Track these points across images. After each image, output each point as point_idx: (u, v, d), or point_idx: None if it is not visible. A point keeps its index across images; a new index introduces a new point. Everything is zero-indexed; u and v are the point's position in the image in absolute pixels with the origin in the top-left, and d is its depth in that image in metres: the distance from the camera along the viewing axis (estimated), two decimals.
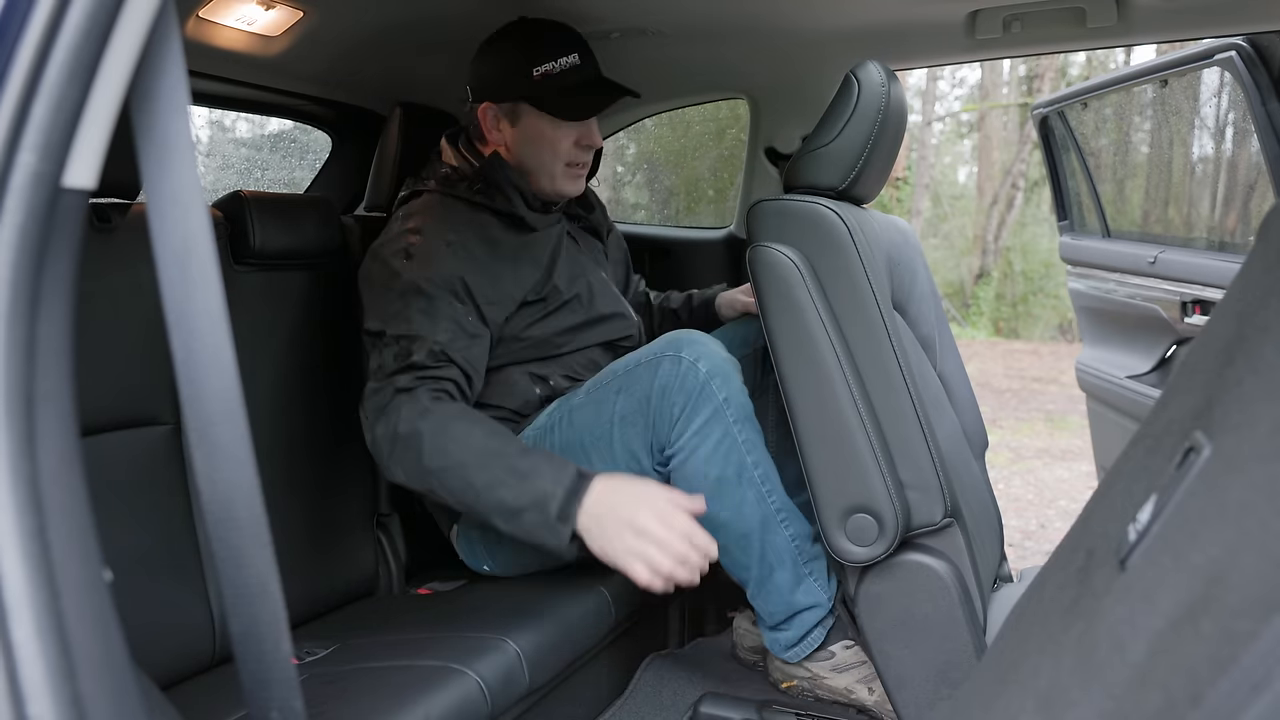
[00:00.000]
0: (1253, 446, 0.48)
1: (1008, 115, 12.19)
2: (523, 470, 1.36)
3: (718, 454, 1.44)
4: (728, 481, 1.45)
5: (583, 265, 1.75)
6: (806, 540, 1.51)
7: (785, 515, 1.49)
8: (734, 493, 1.45)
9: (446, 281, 1.52)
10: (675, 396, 1.43)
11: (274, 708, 0.59)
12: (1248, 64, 2.00)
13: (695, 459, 1.44)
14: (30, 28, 0.53)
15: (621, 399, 1.48)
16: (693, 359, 1.44)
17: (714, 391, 1.43)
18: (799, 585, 1.51)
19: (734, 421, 1.44)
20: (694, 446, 1.44)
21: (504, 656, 1.31)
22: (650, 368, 1.47)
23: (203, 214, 0.57)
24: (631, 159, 6.50)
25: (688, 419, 1.43)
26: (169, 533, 1.38)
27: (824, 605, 1.53)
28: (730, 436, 1.44)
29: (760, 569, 1.50)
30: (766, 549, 1.49)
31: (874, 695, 1.54)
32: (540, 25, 1.65)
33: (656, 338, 1.60)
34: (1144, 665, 0.46)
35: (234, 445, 0.57)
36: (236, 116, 3.62)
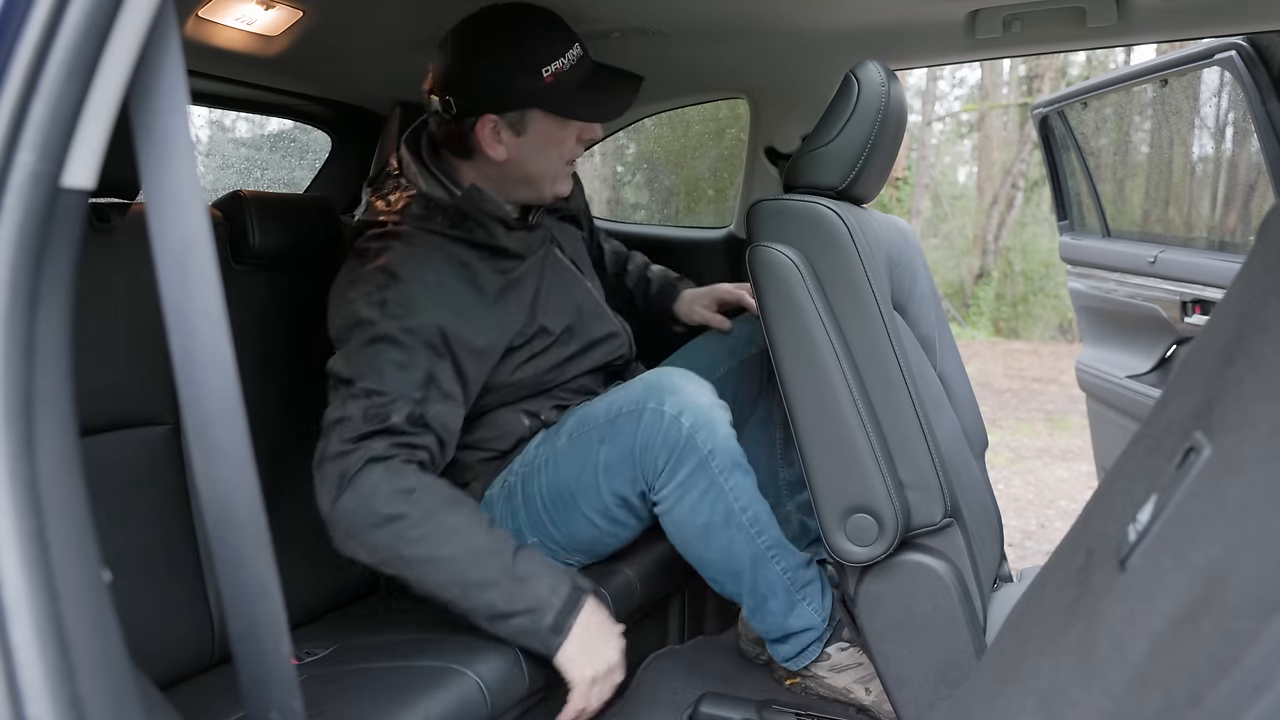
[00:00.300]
0: (1253, 446, 0.48)
1: (1008, 115, 12.18)
2: (520, 574, 1.30)
3: (704, 503, 1.44)
4: (715, 526, 1.46)
5: (570, 286, 1.63)
6: (799, 569, 1.53)
7: (775, 551, 1.50)
8: (722, 536, 1.46)
9: (424, 332, 1.37)
10: (659, 450, 1.42)
11: (273, 708, 0.59)
12: (1248, 64, 2.00)
13: (681, 507, 1.44)
14: (29, 26, 0.53)
15: (605, 449, 1.45)
16: (675, 413, 1.41)
17: (698, 445, 1.41)
18: (792, 610, 1.53)
19: (719, 471, 1.43)
20: (679, 496, 1.44)
21: (503, 657, 1.31)
22: (632, 419, 1.43)
23: (202, 214, 0.57)
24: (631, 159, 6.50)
25: (671, 471, 1.42)
26: (168, 533, 1.38)
27: (818, 627, 1.55)
28: (716, 486, 1.43)
29: (753, 598, 1.52)
30: (758, 582, 1.51)
31: (871, 695, 1.56)
32: (528, 17, 1.46)
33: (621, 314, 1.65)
34: (1144, 665, 0.46)
35: (233, 445, 0.57)
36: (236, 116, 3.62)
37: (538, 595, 1.30)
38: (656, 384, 1.45)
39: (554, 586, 1.31)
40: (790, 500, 1.78)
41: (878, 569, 1.41)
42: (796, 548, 1.76)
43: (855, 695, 1.57)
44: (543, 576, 1.31)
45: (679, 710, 1.64)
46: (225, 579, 0.58)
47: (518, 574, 1.30)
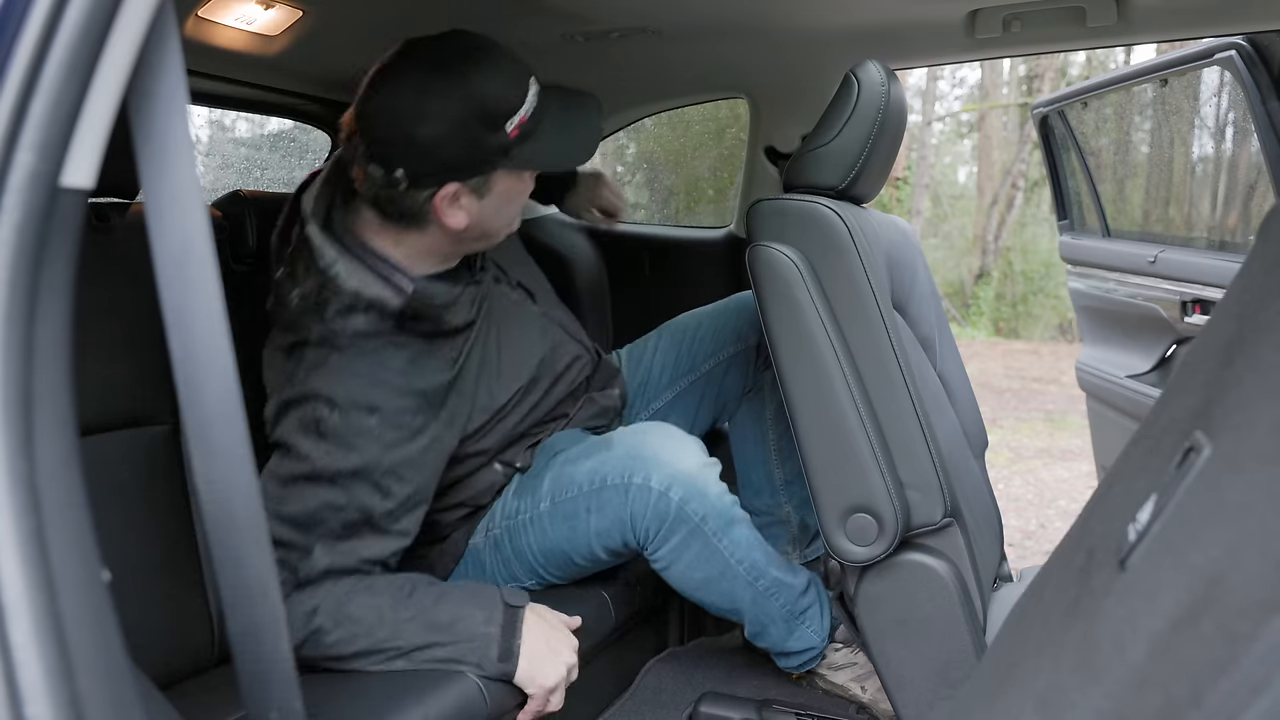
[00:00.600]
0: (1253, 446, 0.48)
1: (1008, 115, 12.18)
2: (447, 622, 1.25)
3: (699, 562, 1.43)
4: (713, 579, 1.46)
5: (525, 329, 1.51)
6: (797, 598, 1.54)
7: (774, 589, 1.51)
8: (720, 585, 1.47)
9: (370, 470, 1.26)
10: (650, 522, 1.40)
11: (273, 708, 0.59)
12: (1248, 63, 2.00)
13: (677, 567, 1.44)
14: (28, 25, 0.53)
15: (595, 518, 1.42)
16: (663, 487, 1.37)
17: (689, 515, 1.39)
18: (791, 635, 1.56)
19: (713, 534, 1.42)
20: (674, 559, 1.43)
21: None
22: (619, 492, 1.40)
23: (201, 214, 0.57)
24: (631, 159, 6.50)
25: (665, 538, 1.41)
26: (168, 533, 1.38)
27: (816, 646, 1.58)
28: (710, 547, 1.42)
29: (754, 626, 1.55)
30: (759, 616, 1.53)
31: (867, 693, 1.58)
32: (482, 60, 1.25)
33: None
34: (1144, 666, 0.46)
35: (232, 445, 0.57)
36: (236, 116, 3.62)
37: (473, 632, 1.25)
38: (640, 454, 1.40)
39: (487, 618, 1.27)
40: (787, 500, 1.79)
41: (878, 569, 1.41)
42: (799, 548, 1.76)
43: (853, 692, 1.59)
44: (472, 614, 1.26)
45: (679, 710, 1.64)
46: (225, 579, 0.58)
47: (445, 623, 1.25)
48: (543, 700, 1.30)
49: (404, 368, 1.30)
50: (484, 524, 1.51)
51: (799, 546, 1.79)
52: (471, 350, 1.41)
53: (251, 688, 0.59)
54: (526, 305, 1.57)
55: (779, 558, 1.53)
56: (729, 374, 1.78)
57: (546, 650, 1.30)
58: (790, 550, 1.79)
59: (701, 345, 1.79)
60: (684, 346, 1.80)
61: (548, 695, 1.30)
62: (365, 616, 1.23)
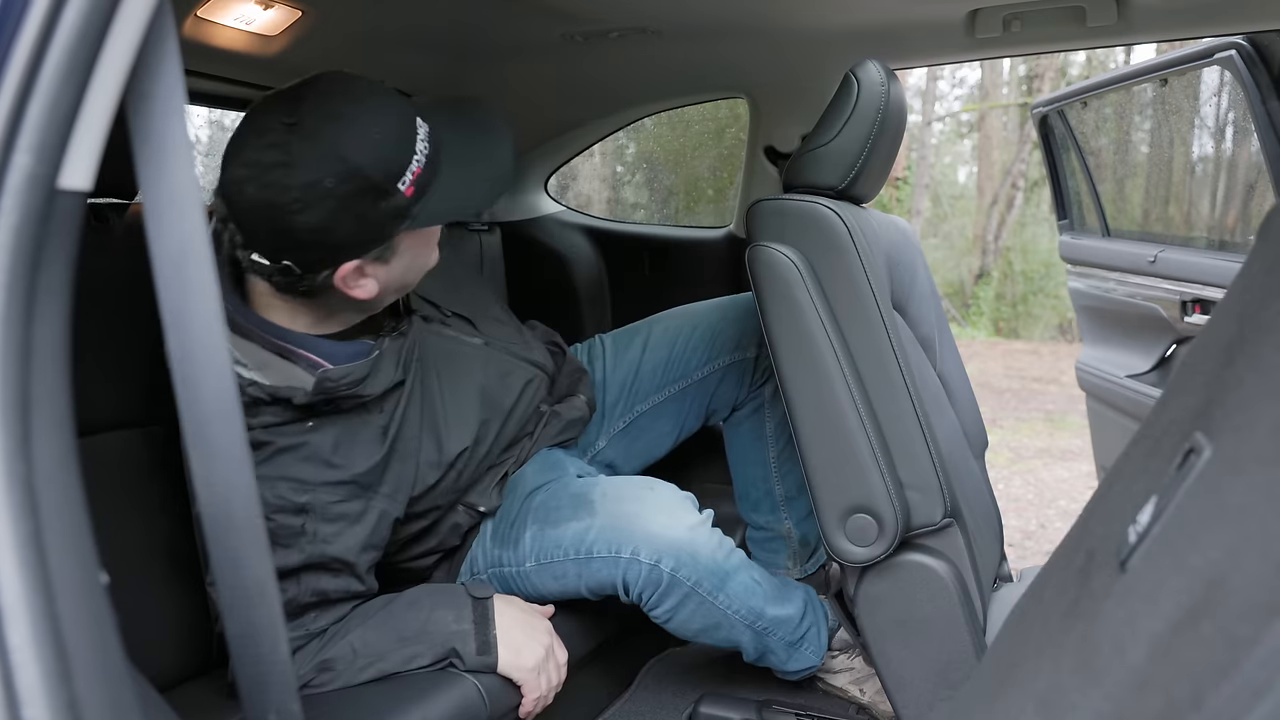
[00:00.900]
0: (1253, 448, 0.48)
1: (1008, 115, 12.18)
2: (419, 630, 1.24)
3: (696, 617, 1.44)
4: (709, 629, 1.47)
5: (461, 369, 1.43)
6: (795, 627, 1.54)
7: (772, 627, 1.51)
8: (717, 633, 1.48)
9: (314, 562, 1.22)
10: (643, 589, 1.40)
11: (271, 710, 0.59)
12: (1248, 63, 2.00)
13: (675, 621, 1.44)
14: (25, 27, 0.53)
15: (586, 580, 1.41)
16: (653, 560, 1.37)
17: (682, 580, 1.39)
18: (790, 658, 1.56)
19: (708, 594, 1.41)
20: (670, 615, 1.43)
21: None
22: (609, 564, 1.38)
23: (200, 215, 0.57)
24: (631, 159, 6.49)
25: (659, 600, 1.41)
26: (167, 534, 1.38)
27: (815, 664, 1.59)
28: (706, 604, 1.42)
29: (753, 654, 1.55)
30: (758, 646, 1.53)
31: (866, 695, 1.59)
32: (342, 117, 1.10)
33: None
34: (1144, 668, 0.46)
35: (231, 446, 0.57)
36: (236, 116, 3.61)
37: (447, 633, 1.25)
38: (627, 529, 1.38)
39: (457, 616, 1.26)
40: (788, 515, 1.76)
41: (878, 569, 1.41)
42: (799, 562, 1.75)
43: (852, 694, 1.60)
44: (443, 615, 1.26)
45: (679, 710, 1.64)
46: (223, 580, 0.58)
47: (417, 632, 1.24)
48: (534, 684, 1.30)
49: (328, 455, 1.20)
50: (467, 566, 1.48)
51: (799, 561, 1.77)
52: (406, 412, 1.31)
53: (250, 690, 0.59)
54: (464, 340, 1.47)
55: (775, 591, 1.51)
56: (723, 384, 1.73)
57: (522, 635, 1.30)
58: (790, 565, 1.77)
59: (695, 351, 1.72)
60: (676, 349, 1.73)
61: (537, 677, 1.30)
62: (342, 655, 1.22)
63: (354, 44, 1.80)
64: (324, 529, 1.20)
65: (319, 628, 1.24)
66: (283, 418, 1.19)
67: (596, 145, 2.50)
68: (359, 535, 1.24)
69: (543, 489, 1.47)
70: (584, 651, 1.52)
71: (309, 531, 1.19)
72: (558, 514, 1.42)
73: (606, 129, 2.40)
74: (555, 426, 1.58)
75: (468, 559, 1.48)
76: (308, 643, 1.24)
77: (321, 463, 1.20)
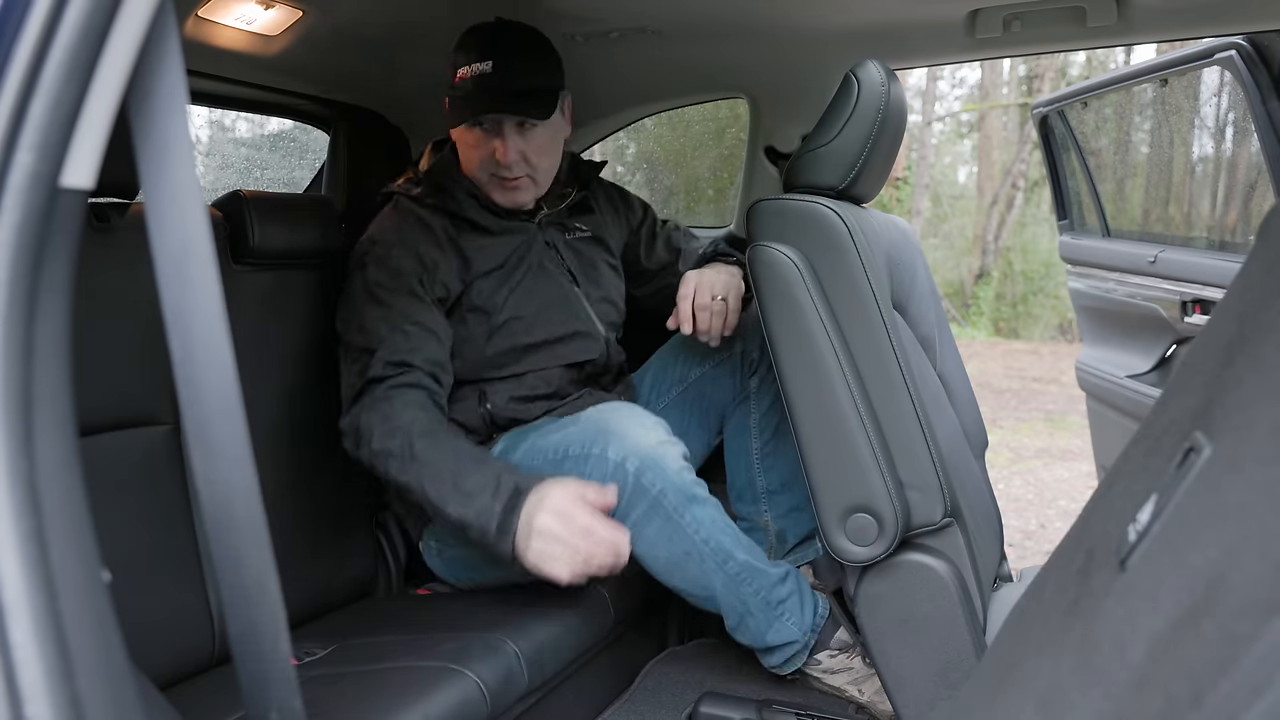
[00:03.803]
0: (1253, 447, 0.48)
1: (1008, 115, 12.18)
2: (467, 490, 1.39)
3: (662, 539, 1.45)
4: (677, 560, 1.47)
5: (545, 283, 1.69)
6: (773, 587, 1.53)
7: (746, 574, 1.50)
8: (688, 567, 1.48)
9: (400, 279, 1.55)
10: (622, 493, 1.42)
11: (273, 708, 0.59)
12: (1248, 63, 2.00)
13: (641, 545, 1.45)
14: (28, 26, 0.53)
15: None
16: (619, 458, 1.42)
17: (646, 487, 1.42)
18: (771, 626, 1.54)
19: (674, 509, 1.44)
20: (637, 534, 1.44)
21: (503, 657, 1.31)
22: (579, 462, 1.46)
23: (201, 214, 0.57)
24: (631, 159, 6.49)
25: (624, 513, 1.43)
26: (168, 533, 1.38)
27: (798, 640, 1.56)
28: (672, 523, 1.44)
29: (732, 617, 1.54)
30: (734, 604, 1.52)
31: (865, 695, 1.57)
32: (482, 28, 1.61)
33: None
34: (1144, 666, 0.46)
35: (232, 445, 0.57)
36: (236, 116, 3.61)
37: (482, 505, 1.37)
38: (601, 428, 1.47)
39: (495, 493, 1.37)
40: (769, 508, 1.77)
41: (878, 569, 1.41)
42: (775, 556, 1.74)
43: (850, 694, 1.58)
44: (487, 487, 1.38)
45: (679, 710, 1.64)
46: (224, 579, 0.58)
47: (466, 490, 1.39)
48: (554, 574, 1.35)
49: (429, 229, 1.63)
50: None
51: (775, 556, 1.75)
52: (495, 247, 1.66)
53: (251, 688, 0.59)
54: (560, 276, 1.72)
55: (752, 545, 1.53)
56: (718, 382, 1.78)
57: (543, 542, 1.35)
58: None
59: (688, 353, 1.80)
60: (669, 357, 1.83)
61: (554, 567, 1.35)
62: (423, 456, 1.41)
63: (354, 44, 1.80)
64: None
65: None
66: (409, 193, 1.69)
67: (596, 145, 2.50)
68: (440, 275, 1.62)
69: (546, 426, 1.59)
70: (584, 651, 1.52)
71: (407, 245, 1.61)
72: (550, 431, 1.55)
73: (607, 129, 2.40)
74: (588, 402, 1.67)
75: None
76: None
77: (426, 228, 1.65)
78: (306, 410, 1.67)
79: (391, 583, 1.76)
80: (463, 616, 1.49)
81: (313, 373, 1.69)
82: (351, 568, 1.71)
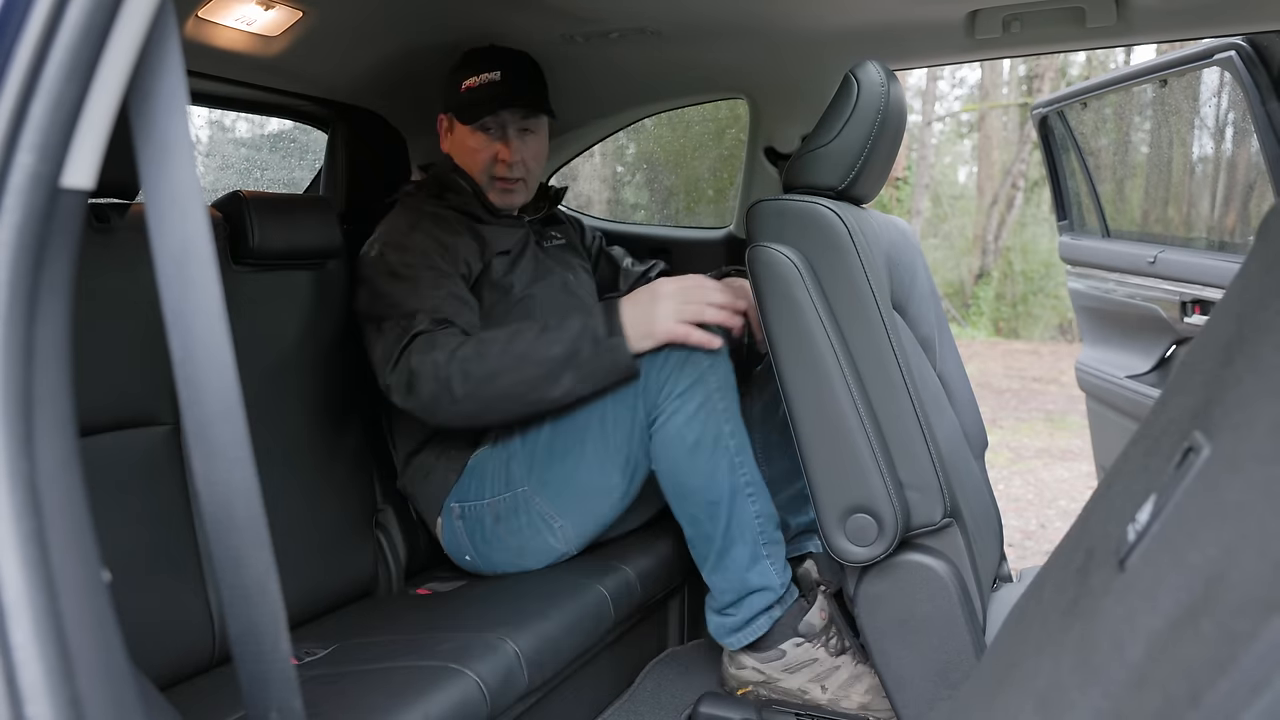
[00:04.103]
0: (1252, 446, 0.48)
1: (1008, 115, 12.18)
2: (552, 327, 1.51)
3: (696, 419, 1.49)
4: (703, 447, 1.49)
5: (550, 270, 1.82)
6: (769, 522, 1.54)
7: (753, 490, 1.52)
8: (708, 459, 1.49)
9: (423, 257, 1.63)
10: (664, 363, 1.50)
11: (273, 708, 0.59)
12: (1248, 64, 2.00)
13: (674, 421, 1.50)
14: (29, 26, 0.53)
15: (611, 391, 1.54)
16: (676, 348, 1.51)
17: (696, 361, 1.50)
18: (754, 565, 1.53)
19: (715, 389, 1.50)
20: (675, 409, 1.49)
21: (503, 656, 1.31)
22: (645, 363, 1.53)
23: (201, 214, 0.57)
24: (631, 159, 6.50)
25: (674, 384, 1.49)
26: (168, 533, 1.38)
27: (775, 590, 1.53)
28: (711, 403, 1.49)
29: (723, 540, 1.52)
30: (732, 521, 1.51)
31: (827, 693, 1.53)
32: (481, 48, 1.78)
33: None
34: (1143, 665, 0.46)
35: (232, 445, 0.57)
36: (236, 116, 3.62)
37: (578, 325, 1.50)
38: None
39: (585, 316, 1.51)
40: (772, 498, 1.76)
41: (878, 569, 1.41)
42: None
43: (811, 695, 1.54)
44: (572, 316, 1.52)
45: (679, 710, 1.64)
46: (225, 579, 0.58)
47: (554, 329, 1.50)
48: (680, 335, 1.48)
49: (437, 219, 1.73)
50: (492, 431, 1.67)
51: None
52: (498, 235, 1.77)
53: (251, 687, 0.59)
54: (552, 267, 1.85)
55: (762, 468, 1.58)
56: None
57: (651, 313, 1.49)
58: None
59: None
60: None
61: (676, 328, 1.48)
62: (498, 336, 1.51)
63: (354, 44, 1.80)
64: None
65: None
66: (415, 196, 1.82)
67: (596, 145, 2.50)
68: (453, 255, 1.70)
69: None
70: (584, 651, 1.52)
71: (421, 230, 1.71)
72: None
73: (607, 129, 2.40)
74: None
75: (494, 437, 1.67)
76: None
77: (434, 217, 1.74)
78: (307, 410, 1.67)
79: (391, 583, 1.76)
80: (463, 616, 1.49)
81: (313, 372, 1.69)
82: (351, 568, 1.71)
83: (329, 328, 1.72)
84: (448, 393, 1.50)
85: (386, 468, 1.80)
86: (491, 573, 1.67)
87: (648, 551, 1.72)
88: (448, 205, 1.76)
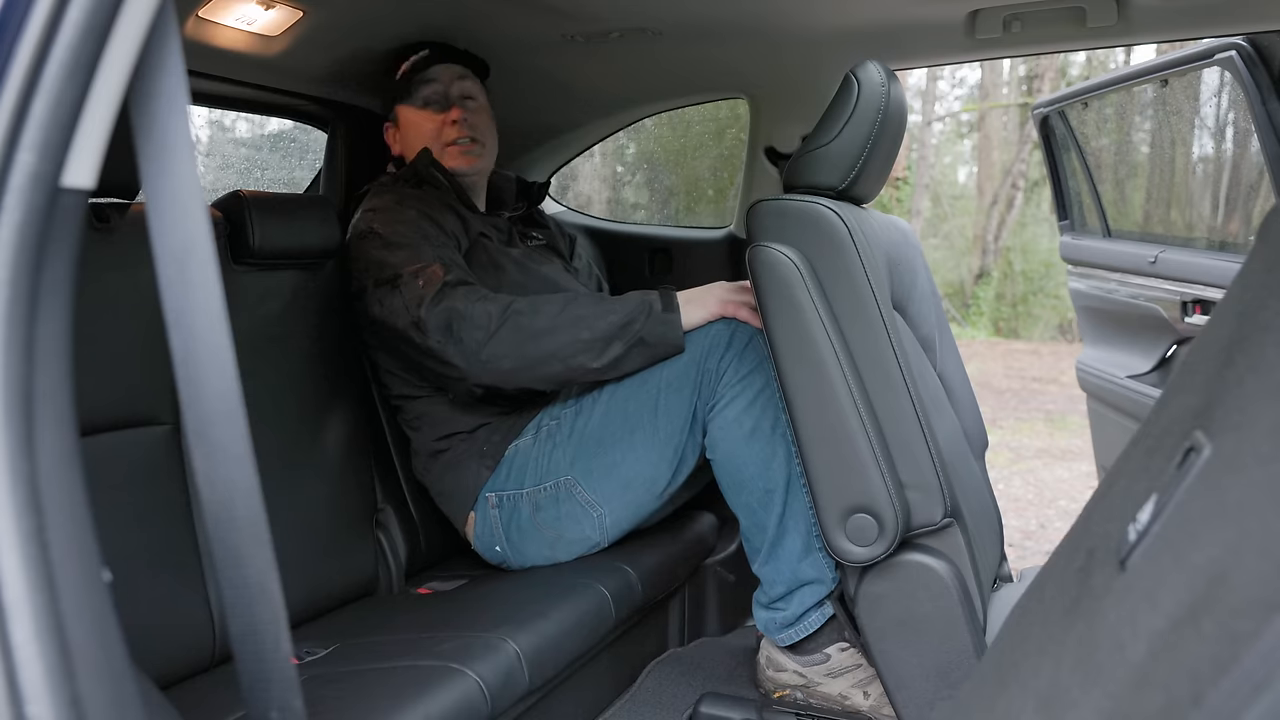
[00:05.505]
0: (1253, 446, 0.48)
1: (1008, 115, 12.18)
2: (609, 299, 1.56)
3: (756, 405, 1.50)
4: (761, 434, 1.50)
5: (533, 261, 1.83)
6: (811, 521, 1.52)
7: (798, 494, 1.51)
8: (765, 446, 1.50)
9: (416, 226, 1.64)
10: (726, 350, 1.53)
11: (273, 707, 0.59)
12: (1248, 64, 1.99)
13: (734, 407, 1.51)
14: (29, 26, 0.53)
15: (669, 365, 1.56)
16: (736, 326, 1.56)
17: (760, 346, 1.51)
18: (807, 555, 1.51)
19: (775, 377, 1.47)
20: (734, 395, 1.51)
21: (504, 656, 1.31)
22: (702, 332, 1.56)
23: (202, 214, 0.57)
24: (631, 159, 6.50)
25: (735, 370, 1.51)
26: (168, 533, 1.38)
27: (827, 583, 1.52)
28: (771, 389, 1.50)
29: (777, 530, 1.52)
30: (787, 511, 1.51)
31: (869, 699, 1.52)
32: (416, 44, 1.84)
33: None
34: (1145, 665, 0.46)
35: (233, 445, 0.57)
36: (236, 116, 3.62)
37: (636, 300, 1.55)
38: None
39: (642, 296, 1.55)
40: None
41: (878, 569, 1.41)
42: None
43: (853, 701, 1.53)
44: (629, 296, 1.56)
45: (679, 710, 1.64)
46: (225, 578, 0.58)
47: (609, 300, 1.55)
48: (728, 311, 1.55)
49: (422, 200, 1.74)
50: (535, 420, 1.67)
51: None
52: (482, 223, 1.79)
53: (252, 687, 0.59)
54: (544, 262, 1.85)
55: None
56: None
57: (703, 297, 1.57)
58: None
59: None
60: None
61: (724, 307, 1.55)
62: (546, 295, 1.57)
63: (354, 45, 1.80)
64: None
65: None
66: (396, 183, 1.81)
67: (597, 145, 2.50)
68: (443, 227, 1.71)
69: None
70: (584, 651, 1.52)
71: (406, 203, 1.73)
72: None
73: (607, 130, 2.40)
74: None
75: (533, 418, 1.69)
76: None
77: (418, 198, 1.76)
78: (307, 409, 1.67)
79: (392, 583, 1.76)
80: (463, 616, 1.49)
81: (313, 371, 1.69)
82: (352, 567, 1.71)
83: (329, 327, 1.72)
84: (493, 342, 1.51)
85: (387, 467, 1.80)
86: (521, 565, 1.67)
87: (649, 551, 1.72)
88: (428, 189, 1.79)
